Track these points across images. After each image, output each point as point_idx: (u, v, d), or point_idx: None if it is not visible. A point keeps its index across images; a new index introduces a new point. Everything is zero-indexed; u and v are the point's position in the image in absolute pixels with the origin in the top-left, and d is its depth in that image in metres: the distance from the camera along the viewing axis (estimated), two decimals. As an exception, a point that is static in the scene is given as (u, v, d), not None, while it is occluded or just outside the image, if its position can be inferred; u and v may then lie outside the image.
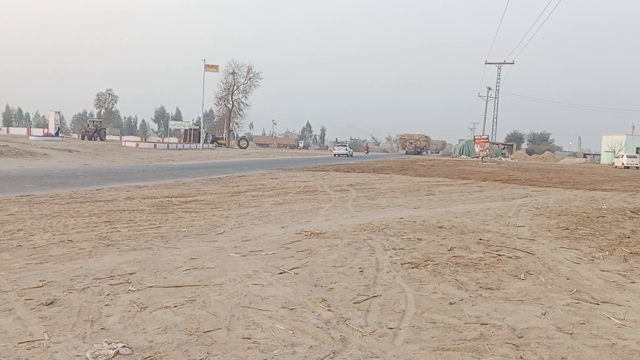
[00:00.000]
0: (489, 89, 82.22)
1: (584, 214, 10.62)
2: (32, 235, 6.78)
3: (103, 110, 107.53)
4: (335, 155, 60.26)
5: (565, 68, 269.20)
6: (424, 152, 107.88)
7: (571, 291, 4.97)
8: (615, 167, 50.80)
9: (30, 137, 47.69)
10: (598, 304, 4.60)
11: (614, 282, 5.37)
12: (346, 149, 63.38)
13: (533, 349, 3.52)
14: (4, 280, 4.67)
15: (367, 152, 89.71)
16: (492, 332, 3.80)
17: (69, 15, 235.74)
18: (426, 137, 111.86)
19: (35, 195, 11.04)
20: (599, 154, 76.51)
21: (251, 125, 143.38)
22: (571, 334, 3.84)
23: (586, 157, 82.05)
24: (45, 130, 59.34)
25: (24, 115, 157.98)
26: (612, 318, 4.22)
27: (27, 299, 4.16)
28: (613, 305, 4.61)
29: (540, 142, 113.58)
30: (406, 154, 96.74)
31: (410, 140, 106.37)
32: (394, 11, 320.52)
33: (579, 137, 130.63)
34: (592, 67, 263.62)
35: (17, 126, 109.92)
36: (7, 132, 67.79)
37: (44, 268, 5.17)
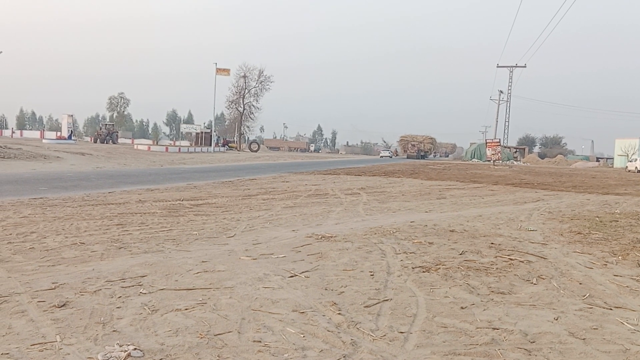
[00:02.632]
0: (501, 92, 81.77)
1: (597, 218, 10.53)
2: (45, 237, 6.83)
3: (115, 114, 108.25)
4: (381, 157, 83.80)
5: (578, 71, 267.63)
6: (430, 156, 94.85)
7: (584, 296, 4.93)
8: (629, 171, 50.33)
9: (44, 140, 48.15)
10: (611, 309, 4.56)
11: (627, 287, 5.32)
12: (389, 152, 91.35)
13: (545, 354, 3.50)
14: (17, 282, 4.71)
15: (397, 155, 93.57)
16: (504, 337, 3.78)
17: (82, 21, 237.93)
18: (431, 138, 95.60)
19: (48, 198, 11.12)
20: (612, 158, 75.84)
21: (262, 129, 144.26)
22: (584, 339, 3.81)
23: (599, 161, 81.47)
24: (58, 134, 59.78)
25: (37, 118, 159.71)
26: (626, 323, 4.18)
27: (39, 301, 4.20)
28: (626, 310, 4.56)
29: (552, 146, 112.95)
30: (407, 157, 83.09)
31: (412, 142, 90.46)
32: (404, 14, 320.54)
33: (592, 141, 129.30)
34: (606, 69, 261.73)
35: (31, 129, 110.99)
36: (21, 135, 68.40)
37: (56, 270, 5.21)
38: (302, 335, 3.66)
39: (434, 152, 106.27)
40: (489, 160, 51.38)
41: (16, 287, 4.56)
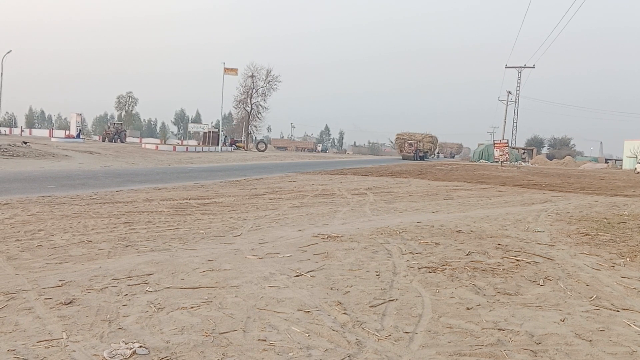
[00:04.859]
0: (509, 92, 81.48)
1: (605, 220, 10.47)
2: (53, 235, 6.87)
3: (123, 113, 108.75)
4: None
5: (587, 72, 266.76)
6: (430, 157, 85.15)
7: (591, 297, 4.90)
8: (638, 172, 49.94)
9: (52, 139, 48.45)
10: (618, 311, 4.53)
11: (634, 288, 5.29)
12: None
13: (551, 356, 3.48)
14: (24, 280, 4.74)
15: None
16: (510, 338, 3.76)
17: (90, 20, 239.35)
18: (431, 137, 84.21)
19: (56, 196, 11.18)
20: (621, 160, 75.33)
21: (269, 129, 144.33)
22: (590, 340, 3.79)
23: (608, 163, 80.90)
24: (67, 132, 60.11)
25: (46, 117, 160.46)
26: (633, 325, 4.15)
27: (46, 298, 4.22)
28: (634, 312, 4.53)
29: (560, 147, 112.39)
30: (403, 159, 71.48)
31: (410, 141, 78.55)
32: (412, 13, 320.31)
33: (601, 142, 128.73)
34: (616, 71, 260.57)
35: (40, 128, 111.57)
36: (30, 133, 68.74)
37: (63, 268, 5.23)
38: (307, 335, 3.66)
39: (436, 153, 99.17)
40: (496, 161, 51.19)
41: (23, 284, 4.59)
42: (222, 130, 71.12)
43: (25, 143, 30.71)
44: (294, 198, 12.74)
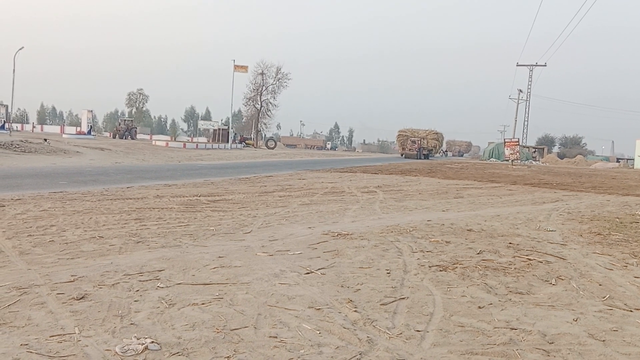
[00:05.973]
0: (520, 91, 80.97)
1: (617, 219, 10.39)
2: (65, 231, 6.90)
3: (134, 110, 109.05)
4: None
5: (599, 70, 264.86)
6: (436, 155, 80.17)
7: (604, 297, 4.86)
8: (650, 172, 49.49)
9: (64, 135, 48.87)
10: (631, 311, 4.49)
11: (648, 289, 5.24)
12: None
13: (564, 356, 3.45)
14: (36, 275, 4.76)
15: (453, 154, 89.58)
16: (522, 337, 3.74)
17: (101, 17, 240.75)
18: (436, 133, 77.58)
19: (67, 192, 11.24)
20: (633, 159, 74.64)
21: (279, 126, 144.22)
22: (603, 340, 3.76)
23: (619, 162, 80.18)
24: (78, 129, 60.60)
25: (57, 113, 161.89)
26: (647, 326, 4.12)
27: (58, 293, 4.24)
28: (647, 312, 4.49)
29: (572, 146, 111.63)
30: (404, 157, 66.55)
31: (412, 138, 71.62)
32: (421, 10, 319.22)
33: (612, 141, 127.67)
34: (627, 69, 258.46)
35: (51, 124, 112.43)
36: (41, 130, 69.41)
37: (75, 263, 5.26)
38: (318, 332, 3.66)
39: (442, 151, 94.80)
40: (507, 160, 50.89)
41: (36, 279, 4.62)
42: (232, 128, 71.16)
43: (46, 140, 30.99)
44: (303, 196, 12.74)
